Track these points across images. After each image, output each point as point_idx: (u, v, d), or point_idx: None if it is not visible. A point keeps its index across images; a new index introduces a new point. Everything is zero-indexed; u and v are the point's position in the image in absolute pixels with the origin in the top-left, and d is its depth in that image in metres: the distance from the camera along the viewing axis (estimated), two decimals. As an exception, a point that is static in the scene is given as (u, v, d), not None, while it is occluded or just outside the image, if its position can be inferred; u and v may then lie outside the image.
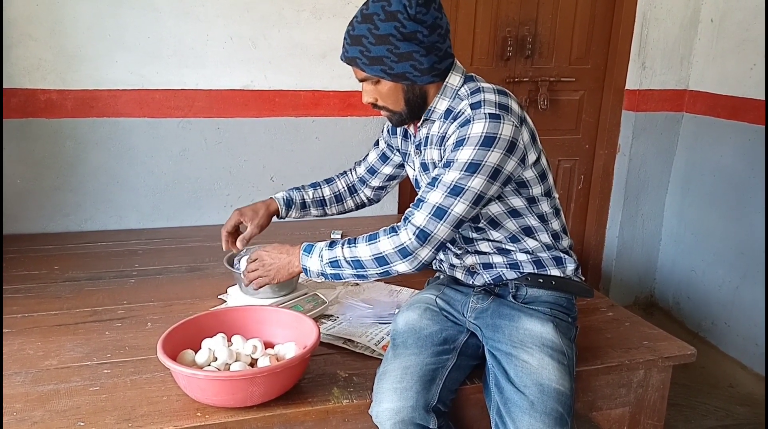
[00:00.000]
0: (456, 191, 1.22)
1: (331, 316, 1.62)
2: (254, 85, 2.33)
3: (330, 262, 1.29)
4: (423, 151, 1.39)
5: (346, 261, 1.28)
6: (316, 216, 1.69)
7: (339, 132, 2.46)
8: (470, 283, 1.45)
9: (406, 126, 1.44)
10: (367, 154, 1.68)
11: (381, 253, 1.25)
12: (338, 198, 1.69)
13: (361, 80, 1.32)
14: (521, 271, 1.38)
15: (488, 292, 1.41)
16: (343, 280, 1.32)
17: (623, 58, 2.79)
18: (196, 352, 1.29)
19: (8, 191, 2.18)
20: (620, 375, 1.48)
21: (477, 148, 1.21)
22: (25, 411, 1.20)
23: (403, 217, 1.28)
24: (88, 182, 2.25)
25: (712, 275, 2.70)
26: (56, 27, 2.08)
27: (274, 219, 1.63)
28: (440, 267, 1.57)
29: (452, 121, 1.29)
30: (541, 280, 1.37)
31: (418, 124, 1.39)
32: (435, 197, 1.24)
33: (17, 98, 2.11)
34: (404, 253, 1.24)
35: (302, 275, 1.75)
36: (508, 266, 1.39)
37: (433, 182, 1.25)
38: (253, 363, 1.30)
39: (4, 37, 2.04)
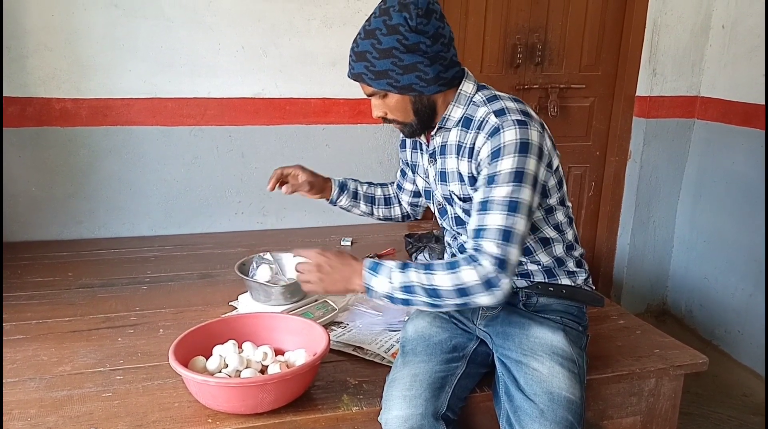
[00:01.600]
0: (513, 207, 1.18)
1: (341, 323, 1.62)
2: (265, 93, 2.35)
3: (403, 286, 1.20)
4: (438, 160, 1.38)
5: (423, 288, 1.18)
6: (363, 212, 1.65)
7: (349, 139, 2.47)
8: None
9: (417, 137, 1.43)
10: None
11: (463, 284, 1.16)
12: (387, 201, 1.67)
13: (369, 95, 1.31)
14: (532, 280, 1.38)
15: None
16: (410, 306, 1.25)
17: (634, 64, 2.78)
18: (207, 359, 1.30)
19: (23, 198, 2.21)
20: (631, 383, 1.47)
21: (516, 155, 1.20)
22: (39, 416, 1.21)
23: (470, 249, 1.20)
24: (102, 190, 2.28)
25: (725, 282, 2.68)
26: (71, 37, 2.11)
27: (322, 204, 1.60)
28: None
29: (476, 130, 1.27)
30: (552, 289, 1.37)
31: (432, 133, 1.37)
32: (496, 220, 1.18)
33: (33, 107, 2.14)
34: (489, 284, 1.16)
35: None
36: (518, 276, 1.38)
37: (485, 205, 1.20)
38: (263, 370, 1.30)
39: (20, 47, 2.08)
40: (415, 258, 2.04)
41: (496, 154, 1.21)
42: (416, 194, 1.62)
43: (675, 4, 2.65)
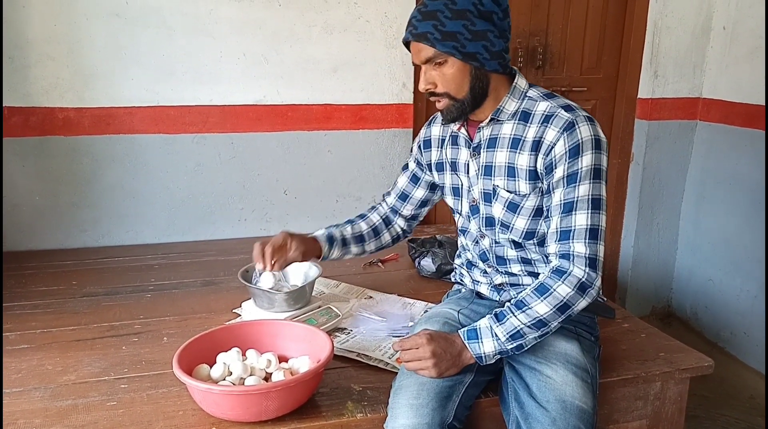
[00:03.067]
0: (595, 205, 1.23)
1: (345, 329, 1.62)
2: (267, 99, 2.35)
3: (510, 336, 1.21)
4: (483, 154, 1.35)
5: (528, 327, 1.21)
6: (356, 254, 1.59)
7: (351, 145, 2.47)
8: (496, 298, 1.45)
9: (455, 128, 1.39)
10: (396, 181, 1.62)
11: (562, 300, 1.21)
12: (375, 231, 1.60)
13: (424, 62, 1.25)
14: None
15: None
16: (524, 348, 1.24)
17: (635, 66, 2.78)
18: (211, 367, 1.30)
19: (26, 208, 2.22)
20: (637, 387, 1.46)
21: (593, 152, 1.22)
22: (44, 426, 1.21)
23: (555, 255, 1.24)
24: (105, 198, 2.29)
25: (729, 284, 2.67)
26: (74, 47, 2.12)
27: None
28: (461, 280, 1.57)
29: (542, 123, 1.25)
30: None
31: (481, 124, 1.33)
32: (581, 220, 1.22)
33: (36, 116, 2.15)
34: (583, 288, 1.22)
35: (315, 287, 1.77)
36: None
37: (568, 206, 1.23)
38: (267, 377, 1.30)
39: (23, 57, 2.09)
40: (419, 263, 2.04)
41: (574, 151, 1.22)
42: (422, 203, 1.59)
43: (675, 6, 2.65)
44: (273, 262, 1.42)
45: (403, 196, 1.60)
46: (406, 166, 1.61)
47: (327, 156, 2.47)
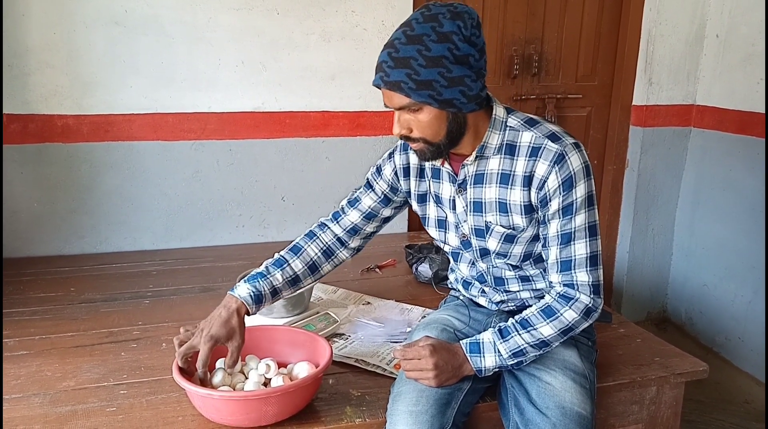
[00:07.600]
0: (592, 232, 1.24)
1: (343, 334, 1.63)
2: (265, 107, 2.37)
3: (513, 353, 1.24)
4: (469, 190, 1.31)
5: (532, 346, 1.24)
6: (290, 295, 1.44)
7: (348, 151, 2.49)
8: (494, 309, 1.46)
9: (434, 163, 1.33)
10: (343, 212, 1.46)
11: (567, 324, 1.24)
12: (313, 268, 1.43)
13: (398, 108, 1.18)
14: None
15: (511, 314, 1.39)
16: (523, 364, 1.27)
17: (630, 74, 2.81)
18: (210, 372, 1.31)
19: (25, 214, 2.23)
20: (632, 392, 1.48)
21: (585, 180, 1.22)
22: (43, 432, 1.22)
23: (559, 284, 1.26)
24: (103, 205, 2.29)
25: (724, 290, 2.69)
26: (73, 54, 2.14)
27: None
28: (457, 291, 1.57)
29: (530, 156, 1.22)
30: None
31: (465, 161, 1.28)
32: (581, 249, 1.24)
33: (35, 124, 2.16)
34: (589, 313, 1.26)
35: (313, 293, 1.78)
36: (534, 298, 1.41)
37: (566, 237, 1.24)
38: (266, 383, 1.31)
39: (22, 65, 2.10)
40: (416, 269, 2.05)
41: (568, 184, 1.21)
42: (387, 220, 1.49)
43: (669, 14, 2.68)
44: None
45: (354, 230, 1.45)
46: (369, 186, 1.45)
47: (324, 162, 2.48)
